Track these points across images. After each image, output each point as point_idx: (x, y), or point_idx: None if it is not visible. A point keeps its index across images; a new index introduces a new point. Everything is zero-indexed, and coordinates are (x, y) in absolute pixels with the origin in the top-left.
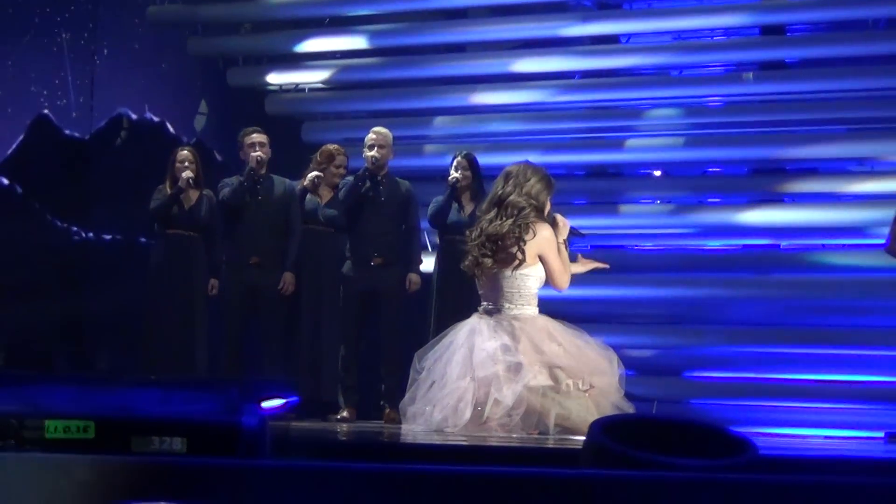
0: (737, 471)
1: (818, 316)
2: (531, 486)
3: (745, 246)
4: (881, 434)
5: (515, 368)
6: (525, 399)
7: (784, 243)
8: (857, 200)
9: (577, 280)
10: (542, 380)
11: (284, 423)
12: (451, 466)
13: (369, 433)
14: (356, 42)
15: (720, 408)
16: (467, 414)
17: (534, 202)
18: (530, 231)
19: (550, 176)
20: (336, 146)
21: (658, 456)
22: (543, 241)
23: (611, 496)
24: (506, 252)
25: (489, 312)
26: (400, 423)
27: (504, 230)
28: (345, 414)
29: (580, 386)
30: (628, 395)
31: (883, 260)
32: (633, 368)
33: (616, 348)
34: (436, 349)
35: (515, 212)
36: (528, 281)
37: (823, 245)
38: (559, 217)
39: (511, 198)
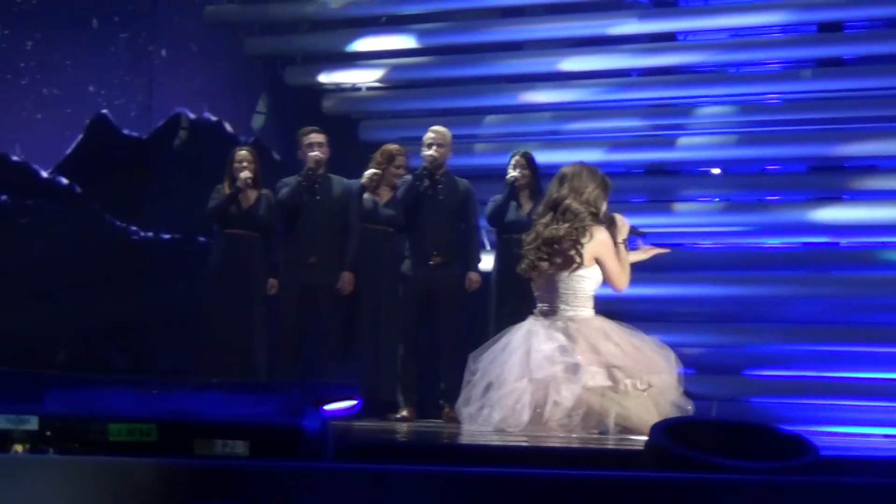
0: (798, 473)
1: (879, 313)
2: (592, 488)
3: (804, 244)
4: None
5: (573, 369)
6: (584, 400)
7: (844, 241)
8: None
9: (635, 279)
10: (601, 380)
11: (345, 422)
12: (513, 469)
13: (429, 433)
14: (412, 41)
15: (781, 406)
16: (525, 415)
17: (592, 209)
18: (587, 234)
19: (606, 177)
20: (397, 146)
21: (720, 458)
22: (600, 244)
23: (672, 498)
24: (563, 255)
25: (545, 314)
26: (459, 422)
27: (560, 233)
28: (404, 413)
29: (638, 385)
30: (688, 394)
31: None
32: (693, 367)
33: (675, 347)
34: (490, 351)
35: (572, 216)
36: (583, 283)
37: (883, 242)
38: (618, 217)
39: (567, 202)
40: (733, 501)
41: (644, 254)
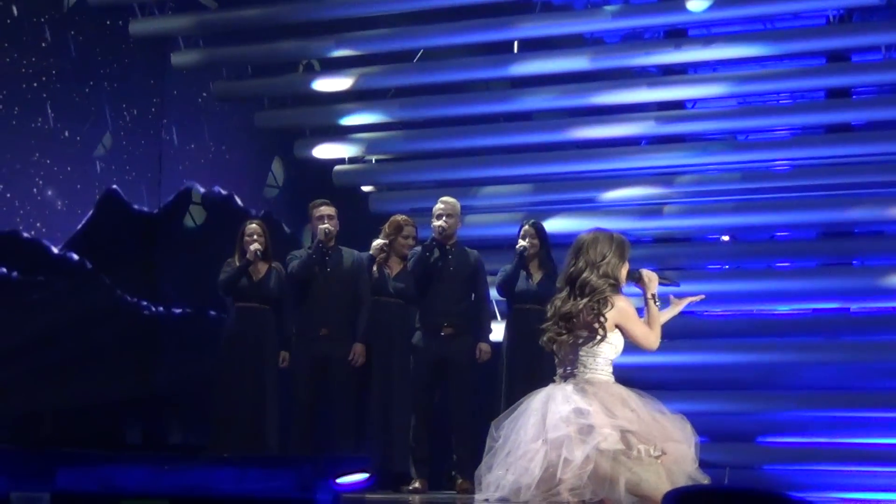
0: None
1: (890, 379)
2: None
3: (814, 310)
4: None
5: (587, 430)
6: (594, 459)
7: (854, 307)
8: None
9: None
10: (613, 442)
11: (358, 495)
12: None
13: None
14: (422, 112)
15: (794, 473)
16: (537, 472)
17: (611, 280)
18: (608, 304)
19: (624, 241)
20: (404, 217)
21: None
22: (620, 311)
23: None
24: (585, 327)
25: (564, 378)
26: (472, 492)
27: (579, 307)
28: (416, 485)
29: (652, 452)
30: (701, 462)
31: None
32: (706, 434)
33: (688, 414)
34: (512, 417)
35: (591, 291)
36: (603, 348)
37: (894, 308)
38: (644, 272)
39: (584, 276)
40: None
41: (677, 308)
